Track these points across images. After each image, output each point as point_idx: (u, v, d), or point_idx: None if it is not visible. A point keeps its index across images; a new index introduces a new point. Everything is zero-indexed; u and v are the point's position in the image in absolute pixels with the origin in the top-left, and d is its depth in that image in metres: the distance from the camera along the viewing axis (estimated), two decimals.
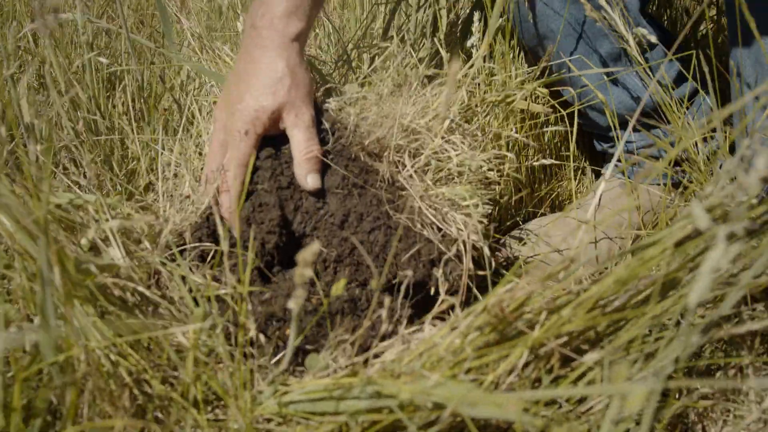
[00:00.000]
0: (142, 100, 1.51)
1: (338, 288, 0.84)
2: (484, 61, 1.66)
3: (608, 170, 1.23)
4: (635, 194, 1.49)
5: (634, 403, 0.57)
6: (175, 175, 1.34)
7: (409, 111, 1.37)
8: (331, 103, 1.36)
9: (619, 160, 1.62)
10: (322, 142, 1.24)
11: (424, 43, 1.80)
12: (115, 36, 2.02)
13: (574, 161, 1.74)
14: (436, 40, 1.76)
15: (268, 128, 1.22)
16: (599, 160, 1.88)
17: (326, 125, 1.26)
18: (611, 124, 1.55)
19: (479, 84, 1.64)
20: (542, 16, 1.63)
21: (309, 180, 1.20)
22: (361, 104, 1.39)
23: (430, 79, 1.63)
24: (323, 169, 1.23)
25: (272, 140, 1.24)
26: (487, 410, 0.72)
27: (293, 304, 0.74)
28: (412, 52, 1.71)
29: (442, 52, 1.67)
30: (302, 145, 1.20)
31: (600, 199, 1.12)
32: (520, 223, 1.65)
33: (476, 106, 1.61)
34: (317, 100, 1.31)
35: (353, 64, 1.74)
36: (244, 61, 1.25)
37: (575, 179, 1.80)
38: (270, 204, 1.19)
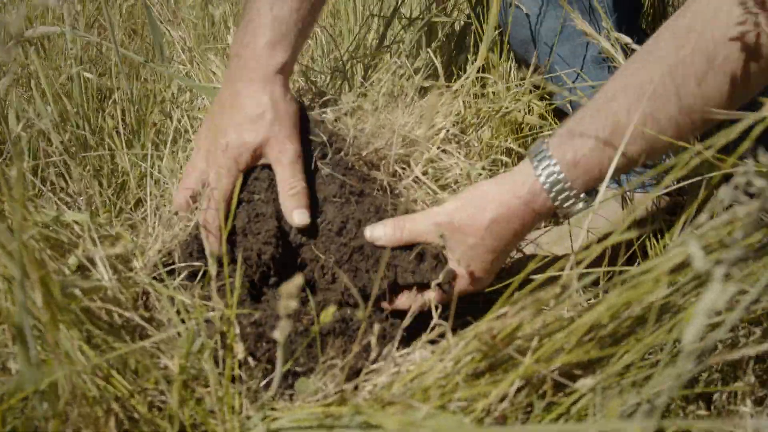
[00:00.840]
0: (131, 115, 1.49)
1: (327, 315, 0.83)
2: (479, 72, 1.65)
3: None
4: (628, 202, 1.48)
5: None
6: (162, 195, 1.33)
7: (406, 121, 1.36)
8: (328, 114, 1.35)
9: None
10: (321, 155, 1.24)
11: (419, 54, 1.79)
12: (106, 48, 2.00)
13: None
14: (430, 50, 1.75)
15: (250, 164, 1.21)
16: None
17: (323, 137, 1.25)
18: None
19: (475, 95, 1.63)
20: (524, 22, 1.62)
21: (295, 216, 1.18)
22: (357, 115, 1.38)
23: (426, 89, 1.62)
24: (323, 180, 1.22)
25: None
26: None
27: (278, 335, 0.72)
28: (407, 64, 1.70)
29: (437, 63, 1.66)
30: (286, 182, 1.18)
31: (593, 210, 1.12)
32: None
33: (472, 117, 1.60)
34: (312, 110, 1.30)
35: (348, 74, 1.73)
36: (228, 92, 1.23)
37: None
38: (266, 214, 1.18)
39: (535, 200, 1.08)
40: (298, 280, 0.68)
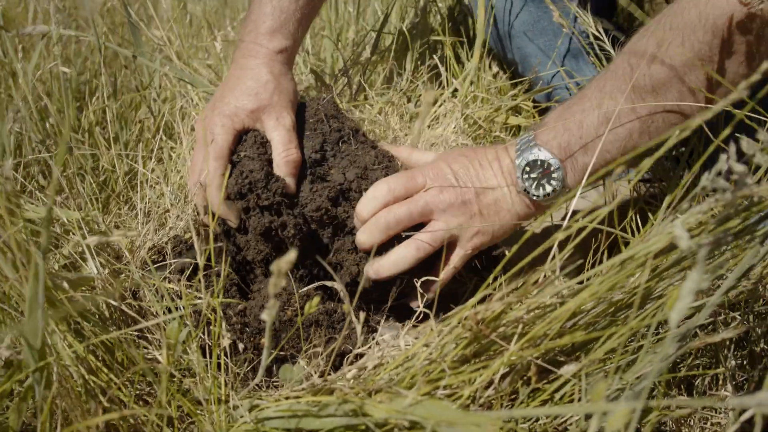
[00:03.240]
0: (113, 112, 1.49)
1: (312, 306, 0.83)
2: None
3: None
4: (609, 192, 1.49)
5: (616, 422, 0.57)
6: (153, 187, 1.33)
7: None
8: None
9: None
10: (352, 132, 1.26)
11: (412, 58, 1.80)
12: (86, 45, 1.99)
13: None
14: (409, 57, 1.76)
15: (246, 125, 1.23)
16: None
17: (350, 118, 1.28)
18: None
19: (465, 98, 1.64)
20: (500, 16, 1.64)
21: (287, 182, 1.19)
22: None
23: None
24: (357, 152, 1.25)
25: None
26: (466, 431, 0.72)
27: (266, 316, 0.72)
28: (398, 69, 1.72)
29: (440, 68, 1.66)
30: (281, 147, 1.20)
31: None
32: None
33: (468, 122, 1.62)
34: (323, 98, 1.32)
35: (350, 75, 1.75)
36: (233, 69, 1.28)
37: None
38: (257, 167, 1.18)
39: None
40: (290, 256, 0.68)
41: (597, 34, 1.44)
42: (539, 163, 1.10)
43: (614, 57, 1.10)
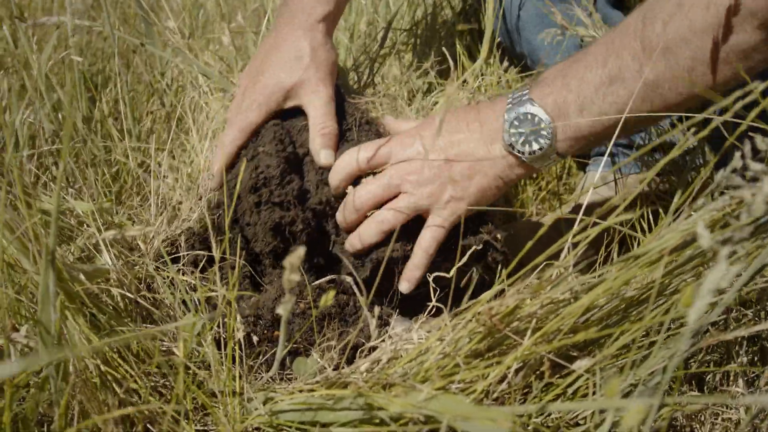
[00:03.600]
0: (126, 103, 1.50)
1: (327, 299, 0.84)
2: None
3: (593, 167, 1.24)
4: (621, 184, 1.49)
5: (631, 419, 0.57)
6: (165, 178, 1.33)
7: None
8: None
9: (602, 154, 1.62)
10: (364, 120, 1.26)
11: (425, 51, 1.81)
12: (96, 35, 2.00)
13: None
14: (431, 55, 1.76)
15: (281, 104, 1.24)
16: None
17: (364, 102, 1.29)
18: None
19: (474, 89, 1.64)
20: (507, 12, 1.64)
21: (322, 155, 1.20)
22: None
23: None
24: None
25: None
26: (480, 425, 0.72)
27: (282, 310, 0.73)
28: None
29: (449, 58, 1.67)
30: (318, 120, 1.21)
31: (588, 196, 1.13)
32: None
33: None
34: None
35: (361, 69, 1.75)
36: (273, 36, 1.28)
37: (559, 177, 1.80)
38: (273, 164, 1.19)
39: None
40: (300, 252, 0.69)
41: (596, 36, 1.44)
42: (529, 117, 1.05)
43: (632, 12, 1.03)
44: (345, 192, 1.17)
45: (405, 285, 1.14)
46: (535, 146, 1.06)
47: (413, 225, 1.14)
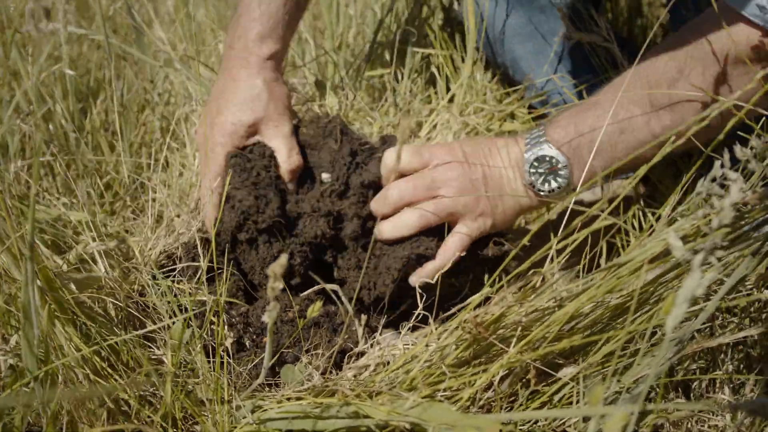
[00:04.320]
0: (116, 114, 1.50)
1: (314, 309, 0.85)
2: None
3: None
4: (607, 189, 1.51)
5: (614, 425, 0.58)
6: (157, 192, 1.34)
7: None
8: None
9: None
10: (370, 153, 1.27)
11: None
12: (88, 46, 2.00)
13: None
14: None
15: (243, 141, 1.24)
16: None
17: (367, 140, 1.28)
18: None
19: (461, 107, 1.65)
20: (491, 21, 1.64)
21: (290, 187, 1.23)
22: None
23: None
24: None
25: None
26: None
27: (267, 318, 0.74)
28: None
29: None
30: (284, 156, 1.22)
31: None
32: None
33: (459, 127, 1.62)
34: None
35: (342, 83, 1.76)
36: (224, 78, 1.27)
37: None
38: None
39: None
40: (282, 260, 0.70)
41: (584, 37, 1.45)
42: (547, 159, 1.14)
43: (628, 71, 1.13)
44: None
45: (416, 279, 1.16)
46: (554, 185, 1.15)
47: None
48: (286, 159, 1.22)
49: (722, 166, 0.77)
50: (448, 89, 1.73)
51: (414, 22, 1.85)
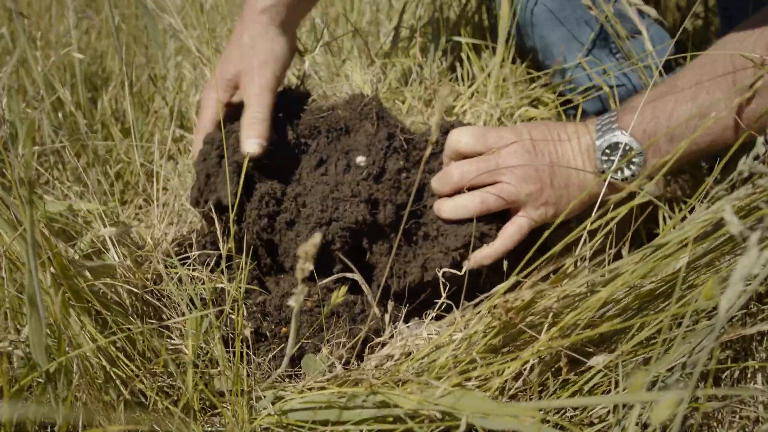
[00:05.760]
0: (128, 101, 1.47)
1: (338, 295, 0.82)
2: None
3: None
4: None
5: (663, 412, 0.55)
6: (166, 188, 1.32)
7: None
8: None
9: None
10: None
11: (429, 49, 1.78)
12: (96, 35, 1.98)
13: None
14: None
15: (231, 94, 1.25)
16: None
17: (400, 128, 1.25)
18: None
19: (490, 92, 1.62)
20: (525, 4, 1.61)
21: (245, 144, 1.16)
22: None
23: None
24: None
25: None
26: (501, 422, 0.70)
27: (293, 302, 0.71)
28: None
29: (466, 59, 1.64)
30: (248, 111, 1.18)
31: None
32: None
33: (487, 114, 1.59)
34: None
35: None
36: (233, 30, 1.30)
37: None
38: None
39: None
40: (316, 238, 0.67)
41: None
42: (621, 146, 1.10)
43: (710, 49, 1.10)
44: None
45: (472, 263, 1.14)
46: (627, 173, 1.11)
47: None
48: (248, 113, 1.18)
49: (766, 142, 0.74)
50: (473, 76, 1.70)
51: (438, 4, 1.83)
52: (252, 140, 1.15)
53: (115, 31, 1.46)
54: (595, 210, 0.92)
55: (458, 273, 1.10)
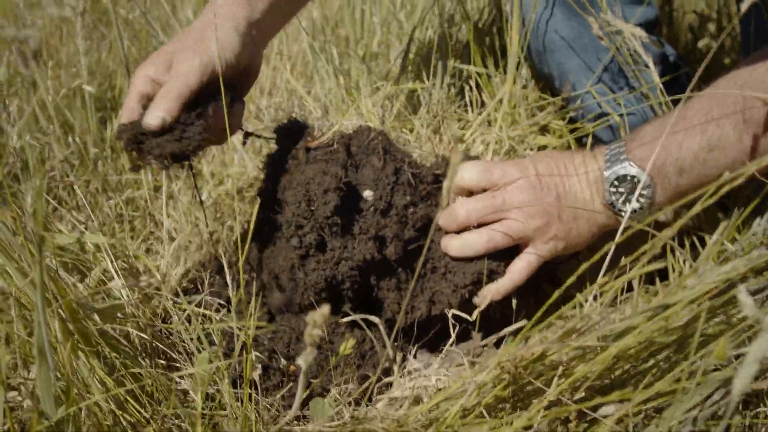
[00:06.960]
0: None
1: (347, 347, 0.82)
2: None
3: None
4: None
5: None
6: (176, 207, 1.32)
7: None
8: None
9: None
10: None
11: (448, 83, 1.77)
12: (106, 54, 1.98)
13: None
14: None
15: (166, 71, 1.15)
16: None
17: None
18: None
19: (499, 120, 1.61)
20: (539, 27, 1.60)
21: (147, 116, 1.07)
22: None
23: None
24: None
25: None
26: None
27: (302, 362, 0.72)
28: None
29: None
30: (166, 85, 1.10)
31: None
32: None
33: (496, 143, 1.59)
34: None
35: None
36: None
37: None
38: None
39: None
40: (324, 310, 0.68)
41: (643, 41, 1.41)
42: (629, 178, 1.10)
43: (719, 82, 1.09)
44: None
45: (479, 300, 1.15)
46: (635, 205, 1.10)
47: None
48: (164, 88, 1.10)
49: None
50: (482, 102, 1.70)
51: (447, 27, 1.82)
52: (156, 113, 1.07)
53: (125, 58, 1.46)
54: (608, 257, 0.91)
55: (469, 318, 1.10)
